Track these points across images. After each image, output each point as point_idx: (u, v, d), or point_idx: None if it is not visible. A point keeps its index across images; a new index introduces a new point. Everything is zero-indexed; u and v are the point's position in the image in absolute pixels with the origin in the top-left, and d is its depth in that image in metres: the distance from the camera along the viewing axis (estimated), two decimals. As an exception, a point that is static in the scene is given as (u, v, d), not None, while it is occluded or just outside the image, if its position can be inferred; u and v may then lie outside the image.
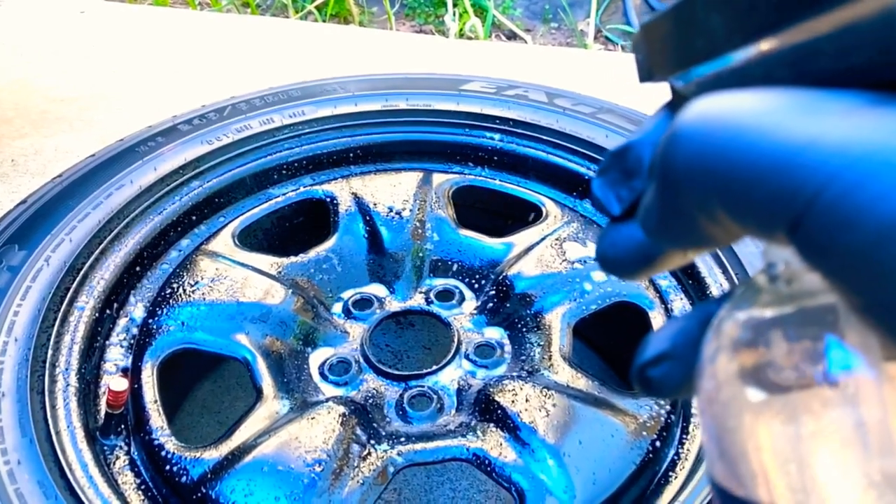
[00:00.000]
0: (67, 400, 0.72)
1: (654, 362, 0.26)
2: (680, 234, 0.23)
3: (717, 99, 0.21)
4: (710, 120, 0.20)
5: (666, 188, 0.22)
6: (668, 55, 0.27)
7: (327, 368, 0.81)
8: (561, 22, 2.19)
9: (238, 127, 1.03)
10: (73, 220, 0.86)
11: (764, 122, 0.20)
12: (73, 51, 1.64)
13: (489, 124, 1.07)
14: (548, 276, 0.87)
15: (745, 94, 0.21)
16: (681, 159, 0.21)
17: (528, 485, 0.65)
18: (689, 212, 0.21)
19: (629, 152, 0.29)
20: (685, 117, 0.21)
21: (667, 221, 0.23)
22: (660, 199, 0.23)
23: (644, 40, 0.29)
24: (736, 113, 0.20)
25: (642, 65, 0.29)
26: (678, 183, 0.21)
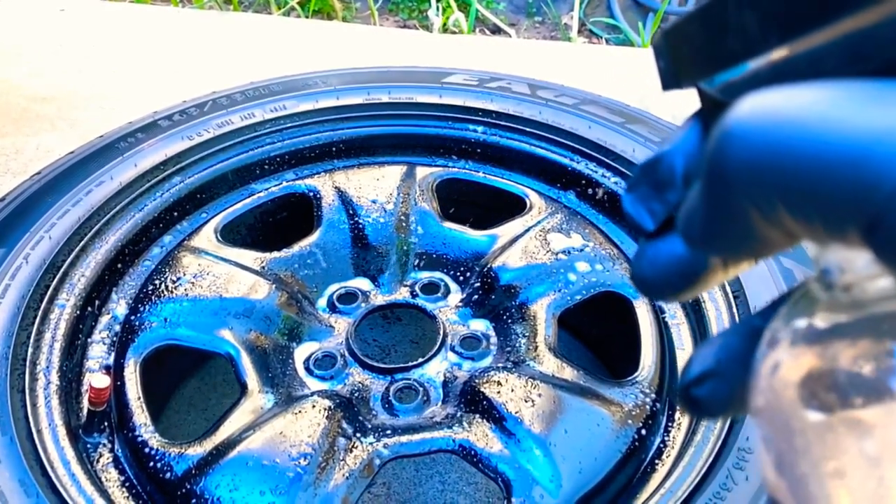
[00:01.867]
0: (49, 398, 0.72)
1: (698, 381, 0.25)
2: (731, 240, 0.21)
3: (771, 94, 0.20)
4: (769, 114, 0.19)
5: (718, 188, 0.20)
6: (697, 59, 0.25)
7: (312, 363, 0.81)
8: (545, 16, 2.19)
9: (219, 122, 1.03)
10: (52, 218, 0.85)
11: (829, 114, 0.18)
12: (53, 49, 1.63)
13: (472, 117, 1.07)
14: (532, 268, 0.87)
15: (800, 87, 0.19)
16: (737, 156, 0.19)
17: (514, 475, 0.65)
18: (744, 213, 0.20)
19: (660, 164, 0.28)
20: (738, 113, 0.20)
21: (717, 226, 0.21)
22: (709, 201, 0.21)
23: (667, 46, 0.27)
24: (796, 105, 0.19)
25: (666, 72, 0.28)
26: (733, 182, 0.20)
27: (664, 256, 0.27)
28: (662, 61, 0.28)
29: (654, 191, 0.28)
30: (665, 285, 0.27)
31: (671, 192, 0.28)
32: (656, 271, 0.27)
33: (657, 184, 0.28)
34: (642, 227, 0.28)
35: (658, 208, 0.28)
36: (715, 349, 0.25)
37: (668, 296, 0.28)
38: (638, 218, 0.28)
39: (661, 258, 0.27)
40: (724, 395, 0.25)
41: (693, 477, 0.59)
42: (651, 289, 0.28)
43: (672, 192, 0.28)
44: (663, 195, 0.28)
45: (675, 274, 0.27)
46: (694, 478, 0.59)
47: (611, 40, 2.13)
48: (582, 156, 1.01)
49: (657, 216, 0.28)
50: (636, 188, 0.28)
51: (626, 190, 0.29)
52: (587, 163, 1.00)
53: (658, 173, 0.28)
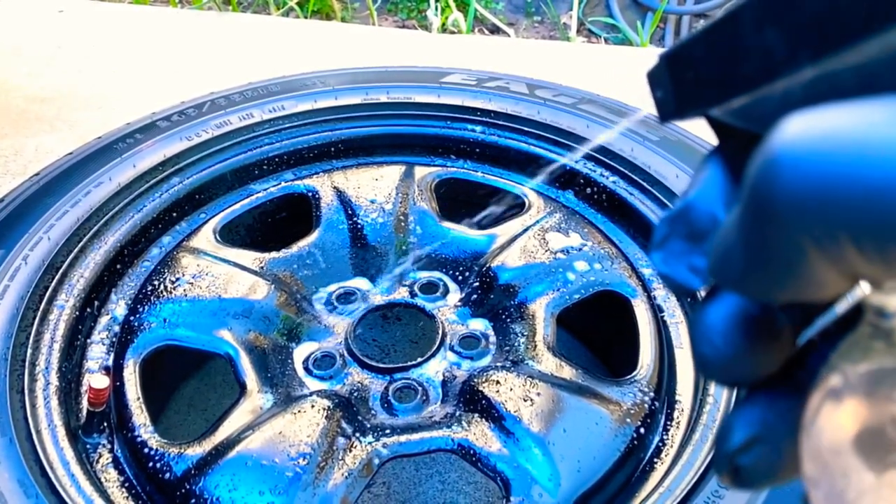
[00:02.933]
0: (48, 399, 0.72)
1: (744, 448, 0.22)
2: (777, 282, 0.19)
3: (818, 113, 0.17)
4: (824, 135, 0.17)
5: (764, 224, 0.18)
6: (706, 86, 0.23)
7: (311, 363, 0.81)
8: (544, 15, 2.19)
9: (217, 123, 1.03)
10: (51, 219, 0.85)
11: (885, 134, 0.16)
12: (52, 50, 1.63)
13: (471, 116, 1.07)
14: (531, 267, 0.87)
15: (852, 105, 0.17)
16: (789, 186, 0.17)
17: (513, 474, 0.65)
18: (798, 251, 0.17)
19: (693, 212, 0.24)
20: (785, 137, 0.17)
21: (761, 267, 0.19)
22: (752, 238, 0.18)
23: (668, 72, 0.24)
24: (857, 123, 0.16)
25: (665, 101, 0.25)
26: (785, 216, 0.17)
27: (740, 320, 0.22)
28: (660, 91, 0.25)
29: (692, 244, 0.24)
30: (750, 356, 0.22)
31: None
32: (738, 341, 0.22)
33: (694, 235, 0.24)
34: (689, 288, 0.24)
35: (701, 262, 0.24)
36: (758, 408, 0.22)
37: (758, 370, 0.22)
38: (680, 278, 0.25)
39: (736, 323, 0.22)
40: (774, 461, 0.22)
41: (691, 475, 0.59)
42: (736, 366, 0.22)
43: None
44: (706, 247, 0.24)
45: (761, 337, 0.22)
46: (692, 476, 0.59)
47: (610, 40, 2.13)
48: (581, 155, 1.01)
49: (704, 272, 0.24)
50: (666, 245, 0.25)
51: (655, 248, 0.25)
52: (585, 162, 1.00)
53: (693, 223, 0.24)
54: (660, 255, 0.25)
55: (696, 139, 1.00)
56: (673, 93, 0.25)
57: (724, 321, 0.22)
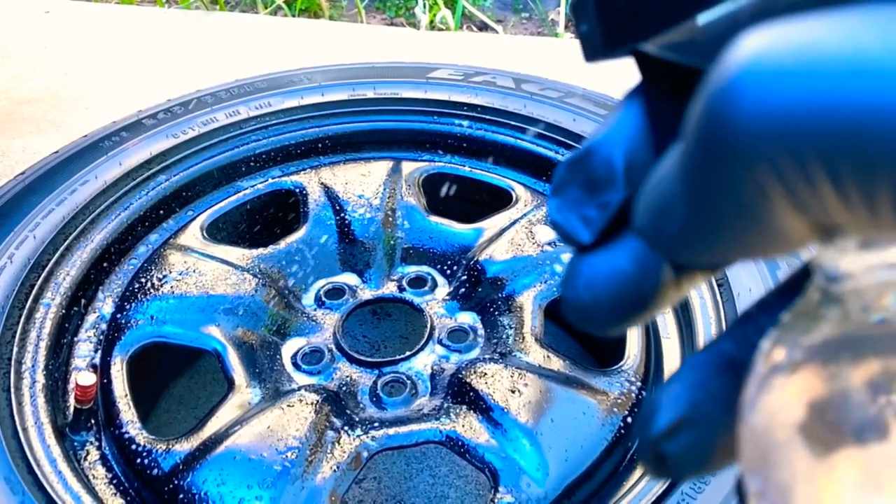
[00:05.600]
0: (34, 397, 0.71)
1: (671, 433, 0.19)
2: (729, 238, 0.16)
3: (782, 28, 0.15)
4: (793, 51, 0.14)
5: (719, 165, 0.15)
6: (638, 14, 0.20)
7: (300, 358, 0.81)
8: (532, 12, 2.19)
9: (204, 120, 1.02)
10: (36, 217, 0.85)
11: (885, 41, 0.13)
12: (38, 51, 1.62)
13: (457, 111, 1.07)
14: (519, 260, 0.87)
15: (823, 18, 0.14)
16: (751, 113, 0.14)
17: (501, 464, 0.65)
18: (761, 195, 0.15)
19: (592, 158, 0.22)
20: (741, 57, 0.15)
21: (711, 220, 0.16)
22: (702, 185, 0.16)
23: (595, 3, 0.21)
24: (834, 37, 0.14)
25: (591, 37, 0.22)
26: (745, 151, 0.14)
27: (605, 275, 0.21)
28: (586, 24, 0.22)
29: (588, 193, 0.22)
30: (609, 312, 0.21)
31: (611, 193, 0.22)
32: (597, 295, 0.21)
33: (591, 184, 0.22)
34: (576, 240, 0.22)
35: (594, 214, 0.22)
36: (686, 388, 0.20)
37: (613, 325, 0.22)
38: (569, 228, 0.22)
39: (601, 277, 0.21)
40: (704, 446, 0.19)
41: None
42: (591, 317, 0.21)
43: (612, 191, 0.22)
44: (600, 197, 0.22)
45: (622, 296, 0.21)
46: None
47: (598, 35, 2.13)
48: (567, 148, 1.01)
49: (594, 224, 0.22)
50: (563, 191, 0.23)
51: (551, 194, 0.23)
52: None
53: (591, 170, 0.22)
54: (555, 202, 0.23)
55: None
56: (599, 24, 0.21)
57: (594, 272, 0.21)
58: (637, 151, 0.22)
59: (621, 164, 0.22)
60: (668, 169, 0.17)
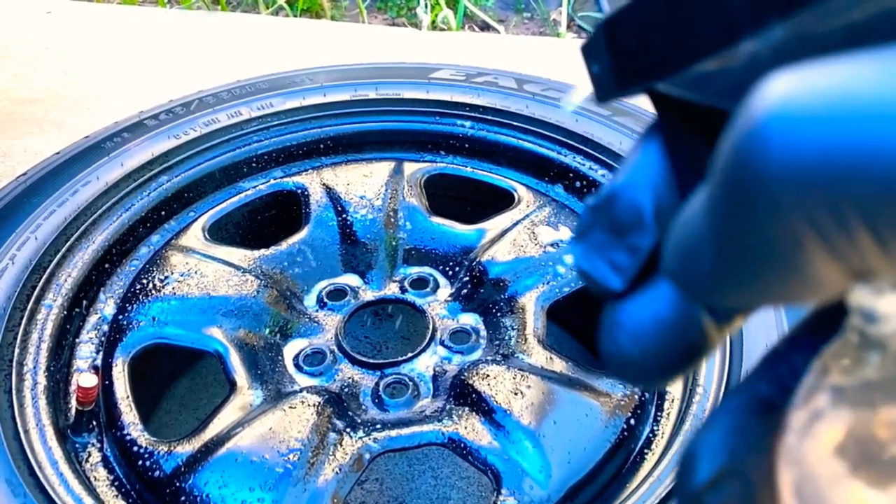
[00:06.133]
0: (36, 398, 0.71)
1: (712, 485, 0.19)
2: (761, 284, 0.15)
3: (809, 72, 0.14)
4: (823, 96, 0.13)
5: (747, 213, 0.15)
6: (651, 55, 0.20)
7: (302, 359, 0.81)
8: (534, 12, 2.19)
9: (206, 121, 1.02)
10: (38, 218, 0.85)
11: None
12: (40, 52, 1.62)
13: (460, 112, 1.07)
14: (521, 261, 0.87)
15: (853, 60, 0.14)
16: (781, 160, 0.14)
17: (503, 466, 0.65)
18: (793, 241, 0.14)
19: (618, 201, 0.21)
20: (767, 102, 0.14)
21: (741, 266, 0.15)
22: (732, 230, 0.15)
23: (605, 42, 0.21)
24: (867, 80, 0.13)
25: (604, 77, 0.21)
26: (777, 199, 0.14)
27: (649, 324, 0.20)
28: (597, 64, 0.21)
29: (615, 237, 0.21)
30: (658, 364, 0.20)
31: (640, 236, 0.21)
32: (643, 347, 0.20)
33: (617, 227, 0.21)
34: (607, 288, 0.21)
35: (624, 259, 0.21)
36: (724, 436, 0.19)
37: (664, 377, 0.20)
38: (599, 275, 0.22)
39: (644, 327, 0.20)
40: (748, 497, 0.18)
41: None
42: (640, 372, 0.20)
43: (642, 235, 0.21)
44: (629, 241, 0.21)
45: (669, 345, 0.20)
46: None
47: (599, 35, 2.13)
48: (569, 149, 1.01)
49: (626, 270, 0.21)
50: (587, 236, 0.22)
51: (575, 240, 0.22)
52: (575, 156, 1.00)
53: (617, 214, 0.21)
54: (580, 248, 0.22)
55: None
56: (612, 65, 0.21)
57: (635, 323, 0.20)
58: (664, 192, 0.21)
59: (650, 206, 0.21)
60: (695, 211, 0.16)
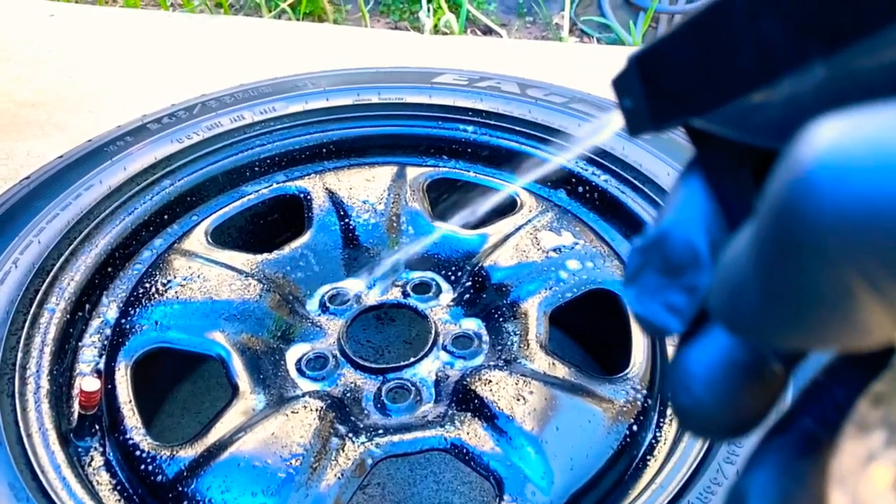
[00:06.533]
0: (39, 402, 0.71)
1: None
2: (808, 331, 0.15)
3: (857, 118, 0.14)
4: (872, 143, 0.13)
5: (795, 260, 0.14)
6: (687, 92, 0.19)
7: (304, 364, 0.81)
8: (536, 16, 2.20)
9: (208, 125, 1.02)
10: (41, 222, 0.85)
11: None
12: (43, 54, 1.62)
13: (462, 116, 1.07)
14: (524, 266, 0.87)
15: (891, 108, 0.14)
16: (831, 209, 0.13)
17: (505, 472, 0.65)
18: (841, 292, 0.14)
19: (669, 241, 0.21)
20: (815, 148, 0.14)
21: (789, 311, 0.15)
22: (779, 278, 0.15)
23: (639, 77, 0.21)
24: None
25: (636, 111, 0.21)
26: (826, 248, 0.14)
27: (722, 367, 0.19)
28: (629, 99, 0.21)
29: (670, 278, 0.21)
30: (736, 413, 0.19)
31: (698, 275, 0.20)
32: (719, 396, 0.19)
33: (671, 268, 0.21)
34: (666, 331, 0.21)
35: (682, 301, 0.21)
36: (773, 476, 0.18)
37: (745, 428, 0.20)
38: (657, 319, 0.21)
39: (717, 371, 0.19)
40: None
41: (683, 472, 0.59)
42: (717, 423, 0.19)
43: (699, 273, 0.20)
44: (685, 281, 0.21)
45: (747, 391, 0.19)
46: (685, 473, 0.59)
47: (602, 39, 2.13)
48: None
49: (685, 312, 0.21)
50: (639, 279, 0.21)
51: (627, 283, 0.22)
52: (577, 161, 1.00)
53: (670, 254, 0.21)
54: (633, 291, 0.22)
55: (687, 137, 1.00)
56: (646, 101, 0.21)
57: (707, 369, 0.19)
58: (715, 229, 0.21)
59: (704, 242, 0.21)
60: (740, 251, 0.16)
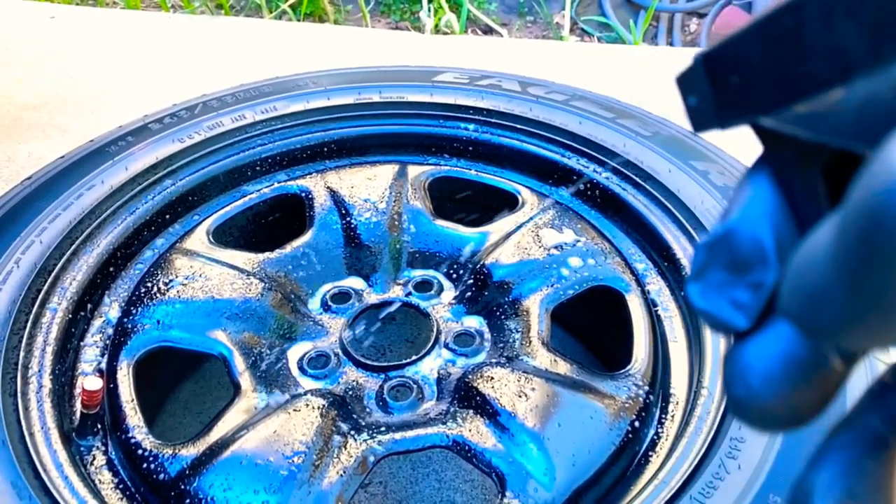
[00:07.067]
0: (41, 402, 0.71)
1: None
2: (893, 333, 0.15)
3: None
4: None
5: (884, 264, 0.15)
6: (756, 90, 0.20)
7: (306, 362, 0.81)
8: (537, 15, 2.20)
9: (210, 124, 1.03)
10: (43, 222, 0.85)
11: None
12: (44, 56, 1.62)
13: (463, 115, 1.07)
14: (525, 263, 0.87)
15: None
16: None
17: (508, 469, 0.65)
18: None
19: (736, 238, 0.21)
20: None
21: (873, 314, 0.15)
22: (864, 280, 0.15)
23: (706, 75, 0.21)
24: None
25: (701, 109, 0.22)
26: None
27: (781, 364, 0.20)
28: (694, 97, 0.22)
29: (735, 275, 0.21)
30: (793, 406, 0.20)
31: (763, 273, 0.21)
32: (777, 389, 0.20)
33: (737, 265, 0.21)
34: (731, 327, 0.22)
35: (747, 297, 0.21)
36: (840, 472, 0.19)
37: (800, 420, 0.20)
38: (722, 315, 0.22)
39: (776, 366, 0.20)
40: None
41: (686, 467, 0.59)
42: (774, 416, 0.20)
43: (764, 271, 0.21)
44: (751, 278, 0.21)
45: (805, 385, 0.19)
46: (687, 468, 0.59)
47: (603, 38, 2.13)
48: (573, 151, 1.01)
49: (750, 309, 0.21)
50: (704, 275, 0.22)
51: (692, 280, 0.22)
52: (578, 158, 1.00)
53: (736, 251, 0.21)
54: (697, 287, 0.22)
55: (689, 135, 1.00)
56: (713, 99, 0.21)
57: (765, 362, 0.20)
58: (782, 227, 0.21)
59: (771, 242, 0.21)
60: (819, 254, 0.16)
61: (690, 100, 0.22)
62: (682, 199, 0.87)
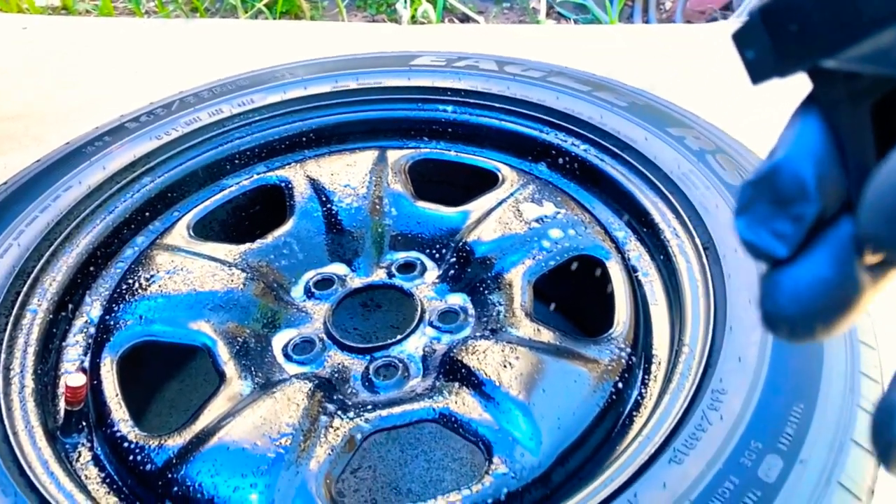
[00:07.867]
0: (24, 401, 0.71)
1: None
2: None
3: None
4: None
5: None
6: (816, 35, 0.21)
7: (291, 349, 0.80)
8: (513, 2, 2.19)
9: (187, 120, 1.02)
10: (20, 225, 0.85)
11: None
12: (17, 67, 1.62)
13: (441, 97, 1.07)
14: (506, 238, 0.87)
15: None
16: None
17: (494, 437, 0.65)
18: None
19: (780, 175, 0.23)
20: None
21: None
22: None
23: (764, 28, 0.23)
24: None
25: (761, 60, 0.23)
26: None
27: (809, 284, 0.22)
28: (752, 50, 0.23)
29: (779, 208, 0.23)
30: (816, 320, 0.22)
31: (805, 206, 0.23)
32: (804, 305, 0.22)
33: (781, 200, 0.23)
34: (773, 255, 0.23)
35: (788, 228, 0.23)
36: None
37: (822, 332, 0.23)
38: (764, 245, 0.23)
39: (804, 287, 0.22)
40: None
41: (669, 422, 0.59)
42: (799, 328, 0.23)
43: (807, 204, 0.23)
44: (793, 212, 0.23)
45: (829, 302, 0.22)
46: (670, 423, 0.58)
47: (579, 21, 2.13)
48: (551, 126, 1.01)
49: (791, 238, 0.23)
50: (750, 209, 0.24)
51: (738, 213, 0.24)
52: (557, 133, 1.00)
53: (780, 187, 0.23)
54: (743, 220, 0.24)
55: (664, 103, 0.99)
56: (772, 49, 0.23)
57: (806, 285, 0.22)
58: (825, 164, 0.23)
59: (813, 177, 0.23)
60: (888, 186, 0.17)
61: (749, 53, 0.24)
62: (659, 165, 0.87)
